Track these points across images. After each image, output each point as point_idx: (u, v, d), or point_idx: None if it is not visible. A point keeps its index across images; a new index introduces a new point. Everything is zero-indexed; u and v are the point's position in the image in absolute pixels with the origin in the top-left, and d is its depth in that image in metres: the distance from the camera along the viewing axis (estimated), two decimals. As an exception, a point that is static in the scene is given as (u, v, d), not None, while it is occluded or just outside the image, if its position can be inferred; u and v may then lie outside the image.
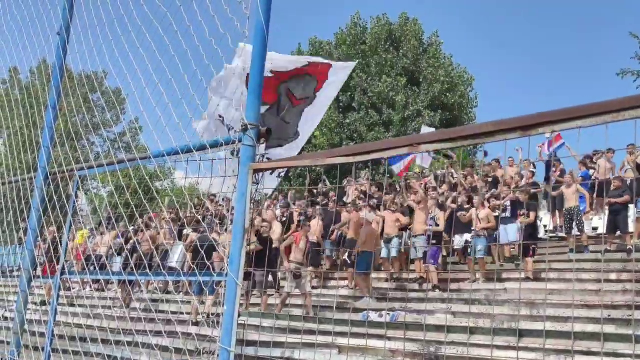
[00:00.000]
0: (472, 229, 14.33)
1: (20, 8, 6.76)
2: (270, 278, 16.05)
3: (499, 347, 10.58)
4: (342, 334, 10.85)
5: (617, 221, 13.67)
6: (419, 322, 11.97)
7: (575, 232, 14.34)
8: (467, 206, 15.05)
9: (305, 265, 14.23)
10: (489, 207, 14.64)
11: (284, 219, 17.55)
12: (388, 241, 15.32)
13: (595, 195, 15.54)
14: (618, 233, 14.03)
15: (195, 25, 4.27)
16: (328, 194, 19.70)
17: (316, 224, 16.07)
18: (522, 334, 10.64)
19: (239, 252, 3.49)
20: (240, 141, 3.68)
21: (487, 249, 14.13)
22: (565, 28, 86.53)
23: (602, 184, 14.91)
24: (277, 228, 15.64)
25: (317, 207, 17.53)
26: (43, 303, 10.26)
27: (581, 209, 14.78)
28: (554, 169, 17.41)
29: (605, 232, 14.25)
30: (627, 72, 27.56)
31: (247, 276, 14.06)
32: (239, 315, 3.44)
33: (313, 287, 15.67)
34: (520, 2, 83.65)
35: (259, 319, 11.84)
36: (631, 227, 13.84)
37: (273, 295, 14.70)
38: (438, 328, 11.56)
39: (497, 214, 14.69)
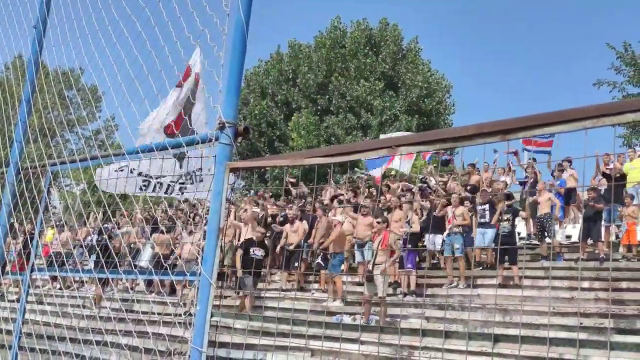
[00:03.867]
0: (448, 226, 14.36)
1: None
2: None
3: (472, 353, 10.62)
4: (315, 337, 10.80)
5: (591, 229, 13.77)
6: (393, 325, 11.98)
7: (547, 240, 14.44)
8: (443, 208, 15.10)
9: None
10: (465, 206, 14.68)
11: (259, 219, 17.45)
12: (361, 245, 15.12)
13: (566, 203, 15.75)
14: (590, 241, 14.14)
15: (173, 22, 4.20)
16: (306, 196, 19.64)
17: (300, 225, 15.90)
18: (496, 339, 10.68)
19: (212, 252, 3.43)
20: (217, 139, 3.62)
21: (463, 247, 14.12)
22: (543, 40, 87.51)
23: (573, 192, 15.12)
24: (251, 229, 15.48)
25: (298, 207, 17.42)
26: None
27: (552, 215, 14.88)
28: (528, 177, 17.51)
29: (579, 240, 14.38)
30: (603, 82, 27.93)
31: (221, 276, 13.90)
32: (212, 316, 3.38)
33: (285, 290, 15.59)
34: (499, 14, 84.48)
35: (231, 320, 11.76)
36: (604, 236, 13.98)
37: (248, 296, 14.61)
38: (412, 332, 11.56)
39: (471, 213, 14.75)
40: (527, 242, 16.12)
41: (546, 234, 14.45)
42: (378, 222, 13.77)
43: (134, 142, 4.64)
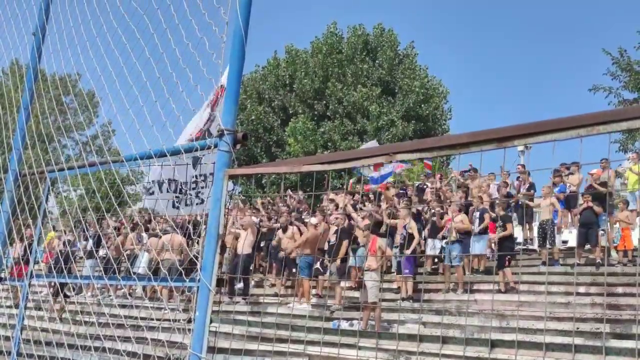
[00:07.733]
0: (447, 235, 14.39)
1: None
2: (241, 285, 15.95)
3: (469, 358, 10.64)
4: (313, 343, 10.81)
5: (587, 234, 13.81)
6: (390, 331, 11.98)
7: (547, 245, 14.46)
8: (442, 211, 15.15)
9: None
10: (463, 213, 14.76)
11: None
12: (354, 250, 15.05)
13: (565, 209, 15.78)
14: (587, 247, 14.18)
15: (172, 29, 4.23)
16: (302, 202, 19.68)
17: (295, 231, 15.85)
18: (492, 344, 10.70)
19: (212, 258, 3.45)
20: (216, 146, 3.64)
21: (461, 256, 14.13)
22: (540, 45, 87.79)
23: (574, 198, 15.14)
24: (250, 234, 15.45)
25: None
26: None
27: (555, 221, 14.91)
28: (521, 181, 17.54)
29: (575, 245, 14.43)
30: (599, 88, 27.94)
31: (220, 282, 13.87)
32: (211, 322, 3.40)
33: (283, 296, 15.57)
34: (495, 19, 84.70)
35: (230, 326, 11.76)
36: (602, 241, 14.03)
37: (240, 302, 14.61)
38: (410, 337, 11.56)
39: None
40: (524, 247, 16.16)
41: (547, 241, 14.46)
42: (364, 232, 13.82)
43: (132, 148, 4.65)
